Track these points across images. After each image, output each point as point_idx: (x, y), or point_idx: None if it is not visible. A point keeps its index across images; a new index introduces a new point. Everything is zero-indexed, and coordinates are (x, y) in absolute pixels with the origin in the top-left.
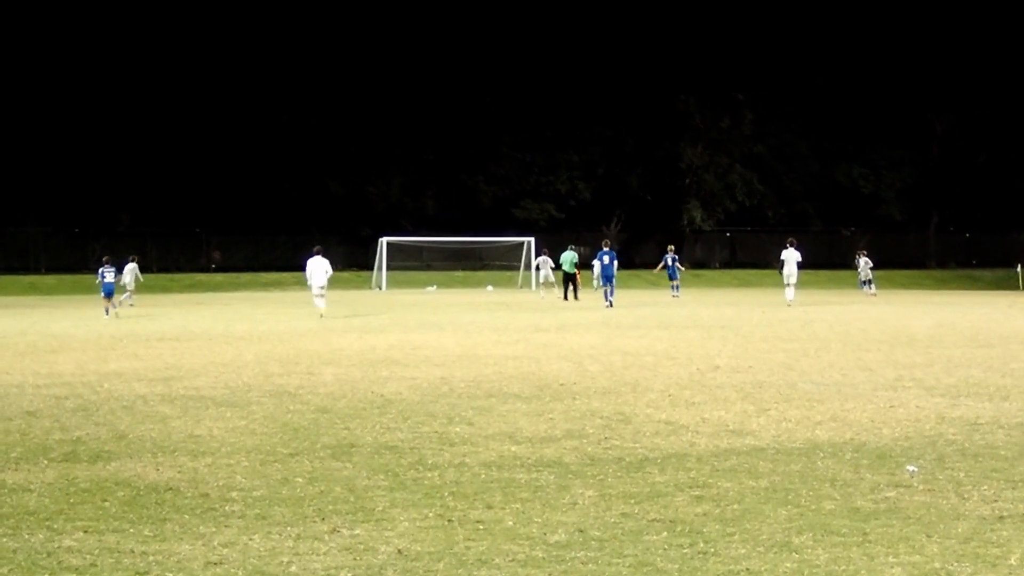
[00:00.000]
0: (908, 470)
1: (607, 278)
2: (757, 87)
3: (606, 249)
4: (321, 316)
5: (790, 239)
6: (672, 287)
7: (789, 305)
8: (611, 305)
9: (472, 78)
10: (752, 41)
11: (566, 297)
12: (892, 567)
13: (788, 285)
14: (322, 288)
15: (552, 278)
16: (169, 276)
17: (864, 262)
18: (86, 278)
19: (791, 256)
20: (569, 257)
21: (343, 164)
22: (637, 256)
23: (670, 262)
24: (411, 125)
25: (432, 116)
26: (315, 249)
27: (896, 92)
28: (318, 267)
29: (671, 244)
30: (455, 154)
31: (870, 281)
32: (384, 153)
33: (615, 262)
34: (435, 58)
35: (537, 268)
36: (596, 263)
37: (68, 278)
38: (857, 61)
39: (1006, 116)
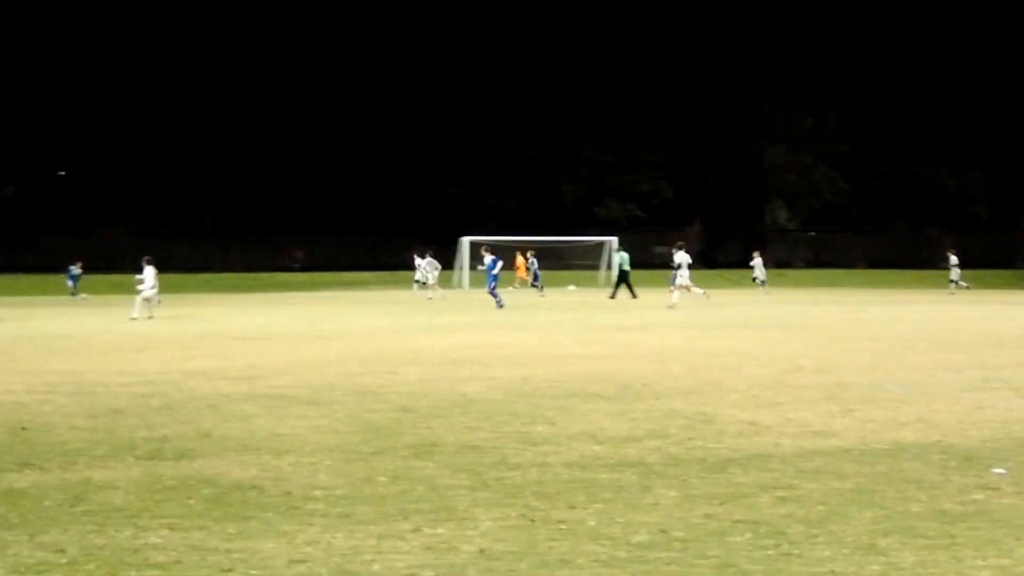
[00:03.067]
0: (996, 472)
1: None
2: (841, 85)
3: (492, 258)
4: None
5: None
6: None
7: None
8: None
9: (557, 78)
10: (835, 40)
11: (614, 295)
12: (980, 570)
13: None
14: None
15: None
16: (253, 275)
17: (954, 260)
18: (170, 277)
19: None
20: (625, 258)
21: (426, 164)
22: (720, 255)
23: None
24: (494, 125)
25: (516, 116)
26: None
27: (982, 89)
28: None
29: (756, 248)
30: (538, 154)
31: (957, 281)
32: (467, 153)
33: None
34: (518, 58)
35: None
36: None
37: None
38: (943, 59)
39: None
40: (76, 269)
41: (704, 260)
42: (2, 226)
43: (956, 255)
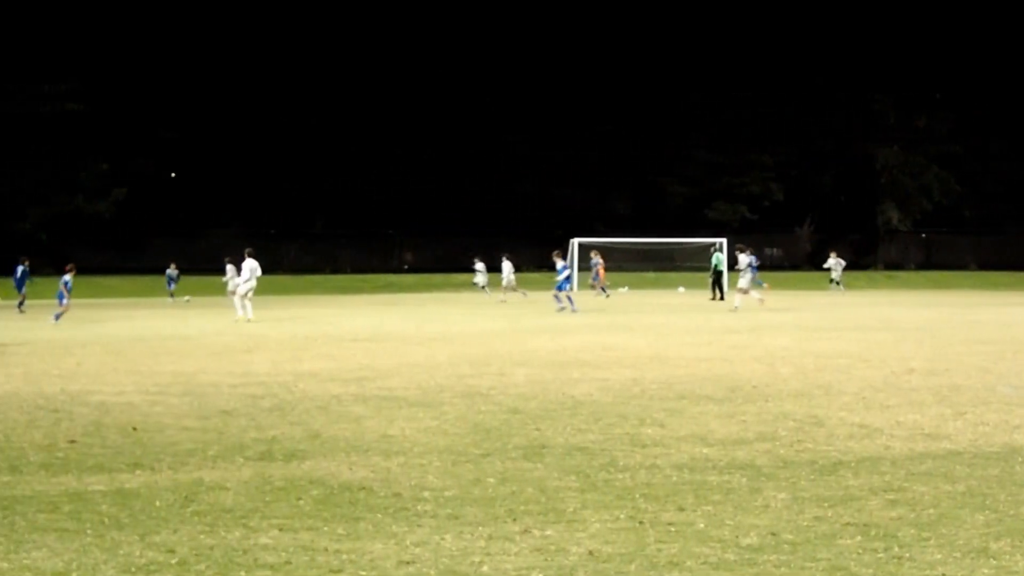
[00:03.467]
0: (1006, 389)
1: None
2: (954, 85)
3: (565, 263)
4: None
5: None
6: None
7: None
8: (563, 310)
9: (668, 79)
10: (949, 39)
11: (714, 297)
12: None
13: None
14: None
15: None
16: (362, 277)
17: None
18: (279, 279)
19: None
20: (721, 259)
21: (536, 166)
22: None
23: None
24: (604, 126)
25: (626, 117)
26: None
27: None
28: None
29: (832, 249)
30: (647, 155)
31: None
32: (576, 154)
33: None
34: (630, 57)
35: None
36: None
37: (262, 279)
38: None
39: None
40: (172, 271)
41: (814, 262)
42: (113, 228)
43: None
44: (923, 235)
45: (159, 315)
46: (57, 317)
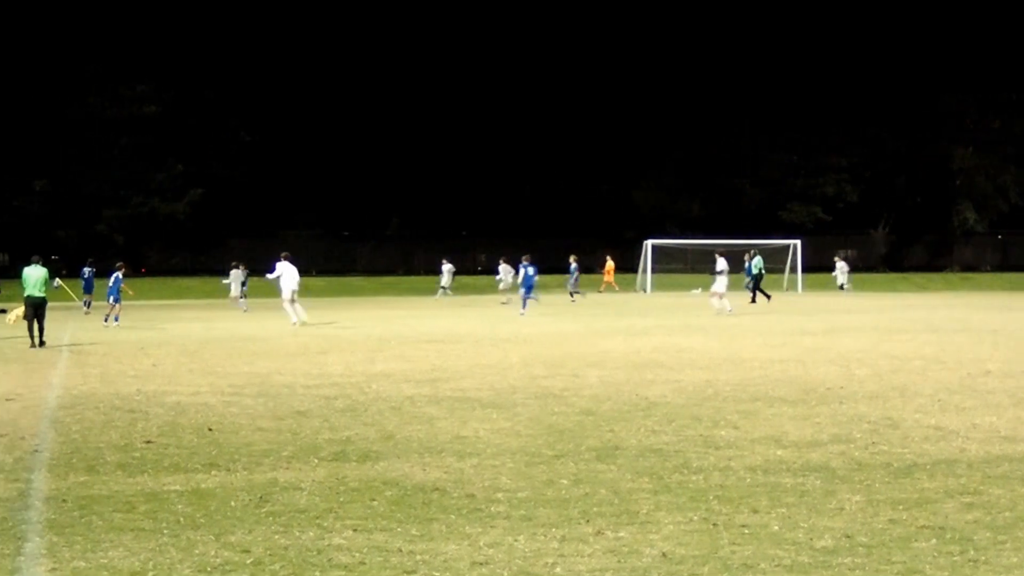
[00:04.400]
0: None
1: (528, 288)
2: None
3: (527, 262)
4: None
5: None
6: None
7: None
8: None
9: (744, 81)
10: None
11: (754, 300)
12: None
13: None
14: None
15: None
16: (435, 278)
17: None
18: (353, 280)
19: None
20: (757, 263)
21: (609, 167)
22: (906, 259)
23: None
24: (677, 128)
25: (699, 119)
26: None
27: None
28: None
29: (838, 252)
30: (721, 156)
31: None
32: (650, 156)
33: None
34: (702, 62)
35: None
36: (522, 271)
37: (336, 280)
38: None
39: None
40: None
41: (889, 263)
42: (188, 229)
43: None
44: (999, 236)
45: (234, 316)
46: (112, 318)
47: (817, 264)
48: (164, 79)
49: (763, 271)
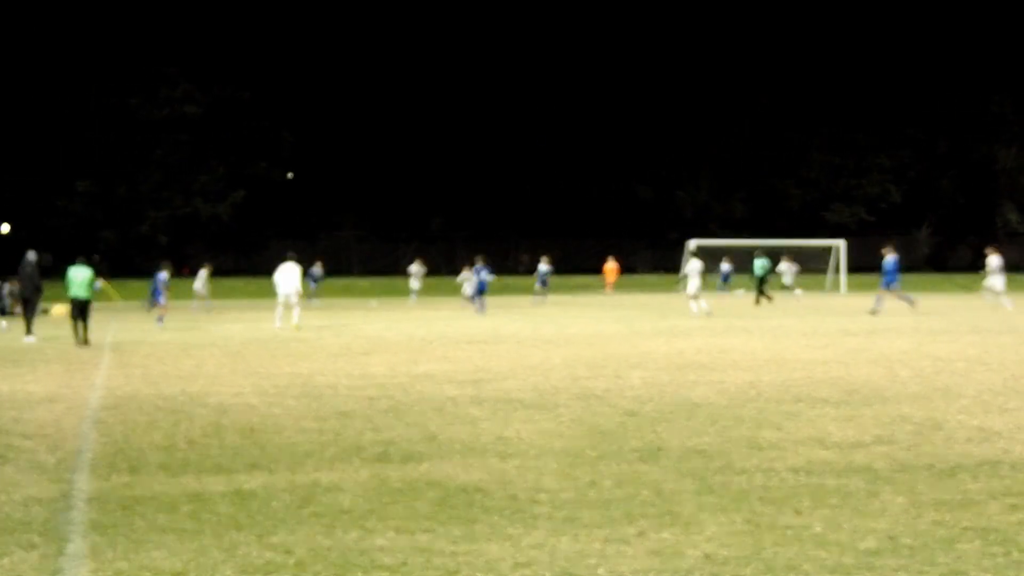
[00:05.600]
0: None
1: (481, 291)
2: None
3: (480, 265)
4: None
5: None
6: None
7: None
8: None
9: (785, 82)
10: None
11: (758, 301)
12: None
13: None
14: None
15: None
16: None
17: None
18: (398, 281)
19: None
20: (761, 263)
21: (652, 168)
22: (950, 260)
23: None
24: (720, 129)
25: (743, 120)
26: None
27: None
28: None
29: (788, 256)
30: (765, 157)
31: None
32: (693, 157)
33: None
34: (745, 64)
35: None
36: (475, 277)
37: (380, 280)
38: None
39: None
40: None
41: (933, 264)
42: (232, 230)
43: None
44: None
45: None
46: (161, 319)
47: (860, 265)
48: (205, 80)
49: (768, 272)
